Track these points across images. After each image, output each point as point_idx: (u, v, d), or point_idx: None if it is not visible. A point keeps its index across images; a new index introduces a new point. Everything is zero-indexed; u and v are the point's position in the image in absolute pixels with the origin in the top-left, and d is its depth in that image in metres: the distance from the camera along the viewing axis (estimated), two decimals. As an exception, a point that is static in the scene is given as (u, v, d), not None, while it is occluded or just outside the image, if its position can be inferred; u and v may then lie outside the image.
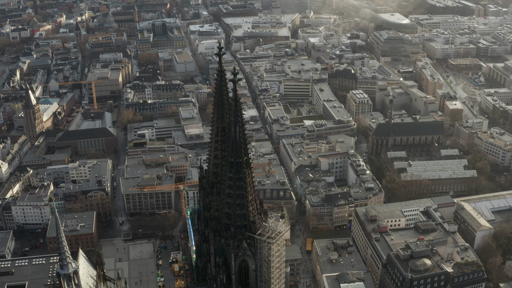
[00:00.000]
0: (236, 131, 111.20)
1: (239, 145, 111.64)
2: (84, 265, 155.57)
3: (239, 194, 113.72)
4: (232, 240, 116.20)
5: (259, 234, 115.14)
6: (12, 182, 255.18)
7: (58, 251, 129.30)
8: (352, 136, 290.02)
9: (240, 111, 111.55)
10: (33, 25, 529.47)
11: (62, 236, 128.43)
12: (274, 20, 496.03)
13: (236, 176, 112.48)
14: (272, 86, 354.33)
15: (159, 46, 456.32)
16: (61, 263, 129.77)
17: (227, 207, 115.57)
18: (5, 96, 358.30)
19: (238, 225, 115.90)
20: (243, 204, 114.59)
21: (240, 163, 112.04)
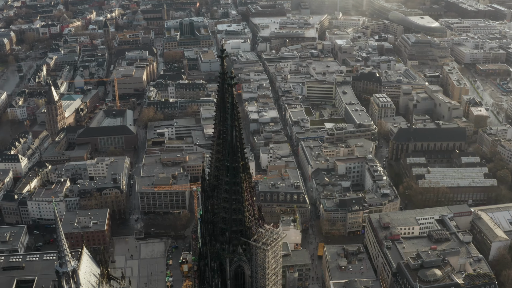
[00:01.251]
0: (233, 135, 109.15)
1: (235, 149, 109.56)
2: (88, 263, 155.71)
3: (235, 199, 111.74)
4: (227, 245, 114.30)
5: (255, 240, 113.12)
6: (30, 177, 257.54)
7: (57, 249, 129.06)
8: (373, 140, 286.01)
9: (237, 115, 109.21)
10: (63, 21, 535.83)
11: (61, 234, 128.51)
12: (302, 21, 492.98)
13: (232, 180, 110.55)
14: (295, 87, 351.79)
15: (185, 44, 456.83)
16: (60, 261, 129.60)
17: (223, 211, 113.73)
18: (30, 91, 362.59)
19: (234, 230, 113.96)
20: (239, 209, 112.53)
21: (236, 168, 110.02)
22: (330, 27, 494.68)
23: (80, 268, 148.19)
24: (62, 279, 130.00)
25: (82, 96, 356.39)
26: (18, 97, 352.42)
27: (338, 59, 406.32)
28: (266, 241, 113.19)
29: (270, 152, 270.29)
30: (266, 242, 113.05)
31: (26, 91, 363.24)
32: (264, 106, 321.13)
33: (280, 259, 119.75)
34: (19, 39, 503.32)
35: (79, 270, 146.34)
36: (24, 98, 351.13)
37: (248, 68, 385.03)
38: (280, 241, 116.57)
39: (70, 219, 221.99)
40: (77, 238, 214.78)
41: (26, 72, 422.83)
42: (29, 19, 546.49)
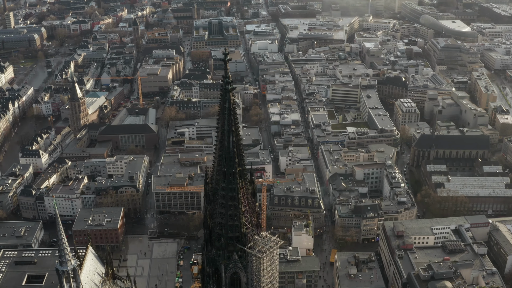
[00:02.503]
0: (229, 141, 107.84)
1: (232, 155, 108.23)
2: (92, 262, 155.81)
3: (232, 205, 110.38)
4: (223, 251, 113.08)
5: (250, 247, 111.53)
6: (49, 173, 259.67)
7: (58, 248, 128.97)
8: (395, 146, 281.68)
9: (234, 120, 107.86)
10: (94, 18, 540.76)
11: (62, 233, 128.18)
12: (331, 22, 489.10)
13: (228, 186, 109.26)
14: (320, 90, 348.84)
15: (213, 44, 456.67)
16: (61, 260, 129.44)
17: (219, 217, 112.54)
18: (56, 87, 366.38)
19: (229, 236, 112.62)
20: (235, 215, 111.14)
21: (233, 174, 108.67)
22: (359, 29, 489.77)
23: (83, 266, 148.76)
24: (63, 278, 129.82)
25: (106, 93, 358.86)
26: (44, 93, 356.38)
27: (366, 62, 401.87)
28: (261, 248, 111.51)
29: (289, 155, 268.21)
30: (261, 249, 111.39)
31: (52, 87, 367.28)
32: (286, 108, 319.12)
33: (277, 267, 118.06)
34: (49, 35, 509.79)
35: (82, 269, 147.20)
36: (50, 94, 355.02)
37: (273, 69, 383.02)
38: (276, 249, 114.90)
39: (85, 216, 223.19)
40: (90, 236, 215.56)
41: (54, 68, 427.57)
42: (61, 15, 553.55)
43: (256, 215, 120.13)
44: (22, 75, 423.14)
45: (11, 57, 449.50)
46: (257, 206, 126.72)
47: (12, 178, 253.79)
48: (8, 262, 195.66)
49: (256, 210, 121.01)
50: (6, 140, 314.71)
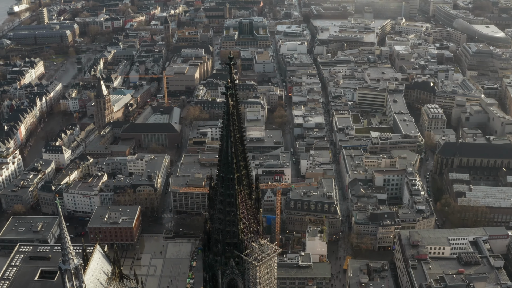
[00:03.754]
0: (228, 146, 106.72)
1: (230, 160, 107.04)
2: (99, 260, 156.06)
3: (230, 211, 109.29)
4: (220, 257, 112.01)
5: (247, 254, 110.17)
6: (71, 169, 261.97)
7: (61, 246, 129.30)
8: (419, 152, 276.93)
9: (233, 125, 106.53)
10: (126, 16, 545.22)
11: (65, 232, 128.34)
12: (363, 25, 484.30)
13: (226, 192, 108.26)
14: (346, 93, 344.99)
15: (243, 44, 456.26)
16: (63, 258, 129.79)
17: (218, 222, 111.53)
18: (84, 84, 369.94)
19: (227, 242, 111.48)
20: (233, 221, 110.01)
21: (231, 180, 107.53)
22: (391, 32, 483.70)
23: (89, 265, 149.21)
24: (65, 276, 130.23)
25: (133, 91, 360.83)
26: (72, 89, 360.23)
27: (396, 66, 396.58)
28: (258, 256, 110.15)
29: (310, 159, 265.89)
30: (257, 257, 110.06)
31: (80, 83, 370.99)
32: (311, 111, 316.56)
33: (275, 275, 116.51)
34: (82, 32, 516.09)
35: (88, 267, 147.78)
36: (77, 91, 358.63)
37: (301, 71, 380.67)
38: (274, 257, 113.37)
39: (101, 214, 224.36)
40: (105, 233, 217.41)
41: (84, 65, 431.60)
42: (94, 12, 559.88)
43: (257, 222, 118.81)
44: (52, 71, 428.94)
45: (42, 52, 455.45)
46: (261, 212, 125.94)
47: (34, 173, 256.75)
48: (23, 257, 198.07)
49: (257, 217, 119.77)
50: (32, 135, 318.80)
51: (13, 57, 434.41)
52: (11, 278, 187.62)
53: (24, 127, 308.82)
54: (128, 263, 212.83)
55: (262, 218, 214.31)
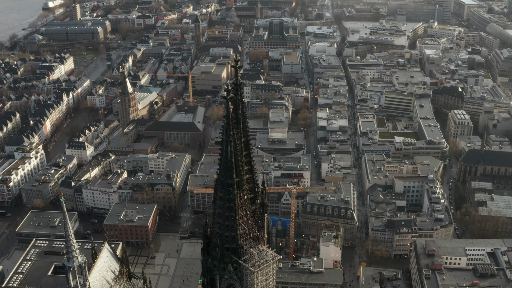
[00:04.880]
0: (227, 151, 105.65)
1: (230, 165, 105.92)
2: (107, 259, 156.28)
3: (229, 216, 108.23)
4: (218, 262, 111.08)
5: (245, 260, 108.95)
6: (92, 166, 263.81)
7: (65, 244, 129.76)
8: (443, 159, 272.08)
9: (233, 129, 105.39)
10: (158, 14, 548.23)
11: (69, 230, 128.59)
12: (394, 27, 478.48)
13: (226, 197, 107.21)
14: (373, 96, 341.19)
15: (272, 44, 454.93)
16: (68, 256, 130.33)
17: (217, 226, 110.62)
18: (112, 80, 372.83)
19: (226, 247, 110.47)
20: (232, 226, 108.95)
21: (230, 184, 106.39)
22: (423, 35, 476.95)
23: (96, 263, 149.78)
24: (69, 274, 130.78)
25: (159, 89, 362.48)
26: (99, 86, 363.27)
27: (425, 70, 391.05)
28: (255, 262, 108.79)
29: (331, 162, 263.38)
30: (255, 263, 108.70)
31: (108, 80, 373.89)
32: (336, 113, 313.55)
33: (273, 282, 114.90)
34: (113, 28, 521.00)
35: (94, 265, 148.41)
36: (105, 87, 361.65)
37: (328, 73, 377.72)
38: (272, 264, 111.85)
39: (117, 211, 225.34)
40: (120, 231, 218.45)
41: (113, 62, 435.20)
42: (127, 9, 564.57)
43: (258, 228, 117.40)
44: (82, 67, 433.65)
45: (73, 48, 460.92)
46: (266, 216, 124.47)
47: (55, 169, 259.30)
48: (38, 251, 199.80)
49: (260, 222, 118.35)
50: (58, 131, 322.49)
51: (44, 52, 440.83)
52: (25, 272, 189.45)
53: (50, 122, 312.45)
54: (142, 261, 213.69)
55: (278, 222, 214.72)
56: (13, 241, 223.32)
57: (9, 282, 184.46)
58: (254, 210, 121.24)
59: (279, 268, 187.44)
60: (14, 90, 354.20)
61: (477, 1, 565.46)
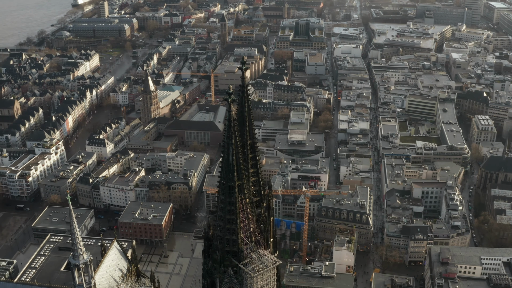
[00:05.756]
0: (229, 154, 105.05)
1: (231, 168, 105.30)
2: (115, 257, 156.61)
3: (230, 219, 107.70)
4: (218, 265, 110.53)
5: (245, 264, 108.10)
6: (110, 163, 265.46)
7: (71, 241, 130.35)
8: (464, 165, 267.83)
9: (234, 132, 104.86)
10: (186, 12, 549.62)
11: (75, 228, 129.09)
12: (421, 30, 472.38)
13: (227, 200, 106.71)
14: (396, 99, 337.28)
15: (297, 45, 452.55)
16: (73, 254, 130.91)
17: (218, 229, 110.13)
18: (136, 78, 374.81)
19: (227, 250, 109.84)
20: (233, 230, 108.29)
21: (231, 187, 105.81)
22: (450, 39, 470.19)
23: (104, 261, 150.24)
24: (74, 271, 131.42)
25: (182, 88, 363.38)
26: (123, 83, 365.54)
27: (451, 74, 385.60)
28: (255, 267, 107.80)
29: (350, 166, 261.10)
30: (255, 268, 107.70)
31: (132, 77, 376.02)
32: (358, 116, 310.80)
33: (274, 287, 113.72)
34: (141, 26, 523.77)
35: (102, 263, 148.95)
36: (128, 85, 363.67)
37: (352, 75, 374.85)
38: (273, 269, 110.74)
39: (133, 209, 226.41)
40: (135, 229, 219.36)
41: (139, 59, 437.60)
42: (155, 7, 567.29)
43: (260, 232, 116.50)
44: (107, 64, 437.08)
45: (100, 45, 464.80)
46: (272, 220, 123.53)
47: (74, 165, 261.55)
48: (52, 247, 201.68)
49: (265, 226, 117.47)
50: (80, 127, 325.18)
51: (70, 49, 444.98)
52: (38, 267, 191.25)
53: (72, 119, 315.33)
54: (155, 260, 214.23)
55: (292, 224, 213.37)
56: (29, 236, 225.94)
57: (22, 277, 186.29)
58: (259, 214, 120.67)
59: (290, 272, 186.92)
60: (39, 86, 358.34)
61: (508, 4, 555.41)
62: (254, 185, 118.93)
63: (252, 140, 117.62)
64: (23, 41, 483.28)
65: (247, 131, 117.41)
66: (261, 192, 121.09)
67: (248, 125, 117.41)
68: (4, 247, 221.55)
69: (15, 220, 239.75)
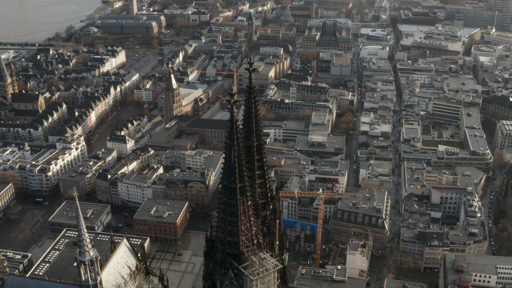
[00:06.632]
0: (231, 155, 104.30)
1: (233, 170, 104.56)
2: (124, 254, 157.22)
3: (231, 221, 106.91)
4: (219, 266, 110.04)
5: (245, 267, 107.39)
6: (130, 160, 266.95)
7: (78, 238, 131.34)
8: (486, 171, 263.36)
9: (237, 134, 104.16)
10: (214, 10, 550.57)
11: (81, 225, 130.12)
12: (450, 32, 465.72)
13: (228, 201, 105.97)
14: (420, 102, 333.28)
15: (323, 45, 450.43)
16: (80, 250, 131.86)
17: (220, 231, 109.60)
18: (160, 76, 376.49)
19: (228, 252, 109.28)
20: (234, 232, 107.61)
21: (233, 189, 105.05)
22: (479, 42, 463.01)
23: (112, 258, 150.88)
24: (81, 267, 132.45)
25: (205, 86, 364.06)
26: (147, 80, 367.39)
27: (478, 78, 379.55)
28: (255, 270, 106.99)
29: (369, 168, 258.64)
30: (255, 271, 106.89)
31: (156, 75, 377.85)
32: (380, 118, 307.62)
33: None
34: (168, 24, 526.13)
35: (110, 260, 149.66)
36: (152, 82, 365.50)
37: (377, 76, 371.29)
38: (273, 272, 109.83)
39: (149, 206, 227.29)
40: (150, 226, 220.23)
41: (165, 57, 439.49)
42: (183, 5, 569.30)
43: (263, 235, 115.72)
44: (133, 61, 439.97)
45: (127, 42, 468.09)
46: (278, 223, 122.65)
47: (94, 161, 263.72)
48: (67, 242, 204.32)
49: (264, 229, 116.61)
50: (103, 123, 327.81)
51: (97, 45, 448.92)
52: (52, 261, 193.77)
53: (95, 115, 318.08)
54: (169, 257, 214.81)
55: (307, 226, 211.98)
56: (46, 230, 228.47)
57: (35, 270, 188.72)
58: (265, 216, 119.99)
59: (302, 274, 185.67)
60: (64, 81, 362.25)
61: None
62: (260, 187, 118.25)
63: (258, 142, 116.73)
64: (52, 36, 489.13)
65: (253, 132, 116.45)
66: (267, 194, 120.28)
67: (255, 126, 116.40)
68: (21, 240, 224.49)
69: (34, 213, 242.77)
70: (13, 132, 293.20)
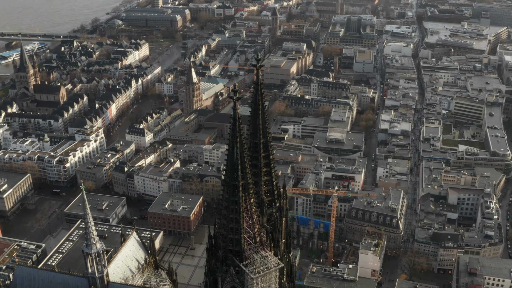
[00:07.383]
0: (234, 152, 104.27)
1: (236, 167, 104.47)
2: (133, 247, 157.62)
3: (233, 218, 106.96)
4: (221, 263, 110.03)
5: (246, 264, 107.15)
6: (147, 153, 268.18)
7: (85, 230, 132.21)
8: (506, 172, 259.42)
9: (240, 131, 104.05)
10: (239, 5, 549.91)
11: (88, 217, 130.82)
12: (476, 31, 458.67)
13: (231, 199, 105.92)
14: (443, 101, 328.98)
15: (347, 41, 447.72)
16: (87, 243, 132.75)
17: (222, 228, 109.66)
18: (182, 69, 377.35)
19: (230, 249, 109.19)
20: (236, 229, 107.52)
21: (235, 186, 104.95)
22: (506, 41, 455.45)
23: (120, 251, 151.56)
24: (87, 259, 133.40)
25: (227, 80, 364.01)
26: (169, 74, 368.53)
27: (503, 77, 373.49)
28: (256, 268, 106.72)
29: (387, 167, 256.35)
30: (256, 269, 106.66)
31: (178, 68, 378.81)
32: (400, 116, 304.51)
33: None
34: (193, 17, 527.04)
35: (118, 253, 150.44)
36: (174, 75, 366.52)
37: (400, 74, 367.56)
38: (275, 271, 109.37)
39: (163, 200, 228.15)
40: (163, 220, 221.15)
41: (188, 50, 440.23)
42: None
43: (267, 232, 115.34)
44: (156, 54, 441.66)
45: (150, 35, 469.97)
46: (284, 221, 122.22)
47: (112, 153, 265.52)
48: (81, 233, 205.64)
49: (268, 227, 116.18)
50: (124, 115, 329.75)
51: (121, 37, 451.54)
52: (65, 252, 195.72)
53: (116, 107, 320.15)
54: (182, 251, 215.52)
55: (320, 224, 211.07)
56: (62, 221, 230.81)
57: (48, 261, 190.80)
58: (270, 213, 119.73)
59: (312, 273, 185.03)
60: (87, 73, 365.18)
61: None
62: (266, 184, 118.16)
63: (265, 139, 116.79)
64: (77, 28, 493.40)
65: (260, 129, 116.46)
66: (273, 191, 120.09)
67: (262, 123, 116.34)
68: (37, 230, 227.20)
69: (50, 204, 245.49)
70: (34, 123, 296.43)
